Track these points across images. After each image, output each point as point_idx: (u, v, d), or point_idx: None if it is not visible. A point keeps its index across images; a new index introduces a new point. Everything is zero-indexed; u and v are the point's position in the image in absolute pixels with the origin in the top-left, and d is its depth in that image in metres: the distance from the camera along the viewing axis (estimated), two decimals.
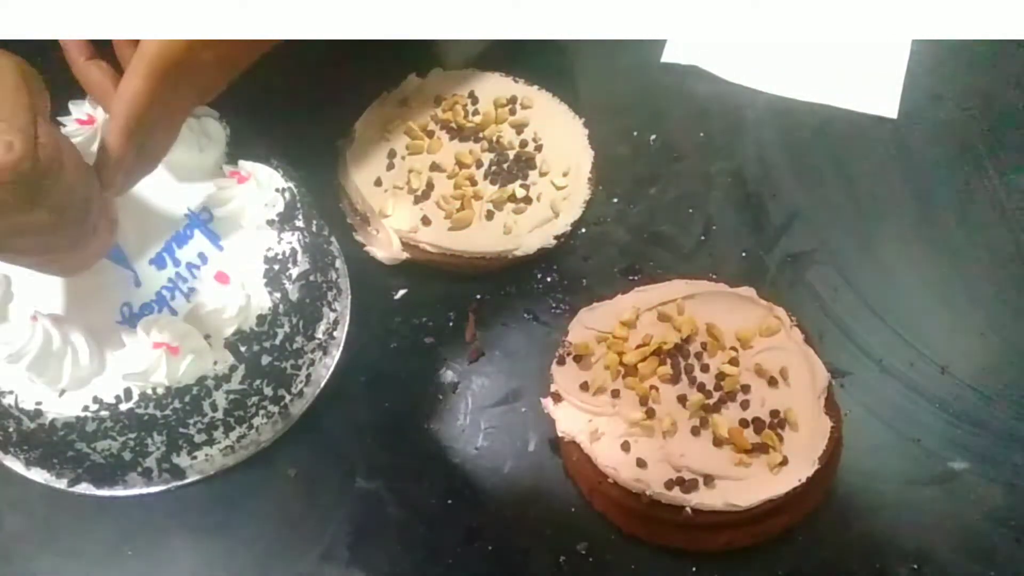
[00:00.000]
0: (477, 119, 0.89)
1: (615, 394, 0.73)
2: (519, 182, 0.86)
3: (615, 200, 0.89)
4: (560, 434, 0.72)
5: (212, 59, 0.66)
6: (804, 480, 0.68)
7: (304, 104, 0.93)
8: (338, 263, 0.84)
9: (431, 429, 0.77)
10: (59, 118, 0.76)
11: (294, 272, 0.73)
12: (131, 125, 0.64)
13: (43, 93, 0.61)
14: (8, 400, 0.67)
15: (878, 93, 0.95)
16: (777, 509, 0.68)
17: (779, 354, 0.74)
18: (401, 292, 0.84)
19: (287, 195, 0.75)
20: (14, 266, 0.72)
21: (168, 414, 0.68)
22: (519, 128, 0.89)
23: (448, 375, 0.80)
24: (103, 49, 0.69)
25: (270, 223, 0.74)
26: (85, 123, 0.74)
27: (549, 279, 0.85)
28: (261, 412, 0.74)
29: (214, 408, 0.70)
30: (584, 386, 0.73)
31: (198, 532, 0.73)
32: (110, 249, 0.68)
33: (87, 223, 0.62)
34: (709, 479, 0.68)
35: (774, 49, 0.98)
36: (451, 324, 0.82)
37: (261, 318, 0.70)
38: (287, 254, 0.73)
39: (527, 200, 0.85)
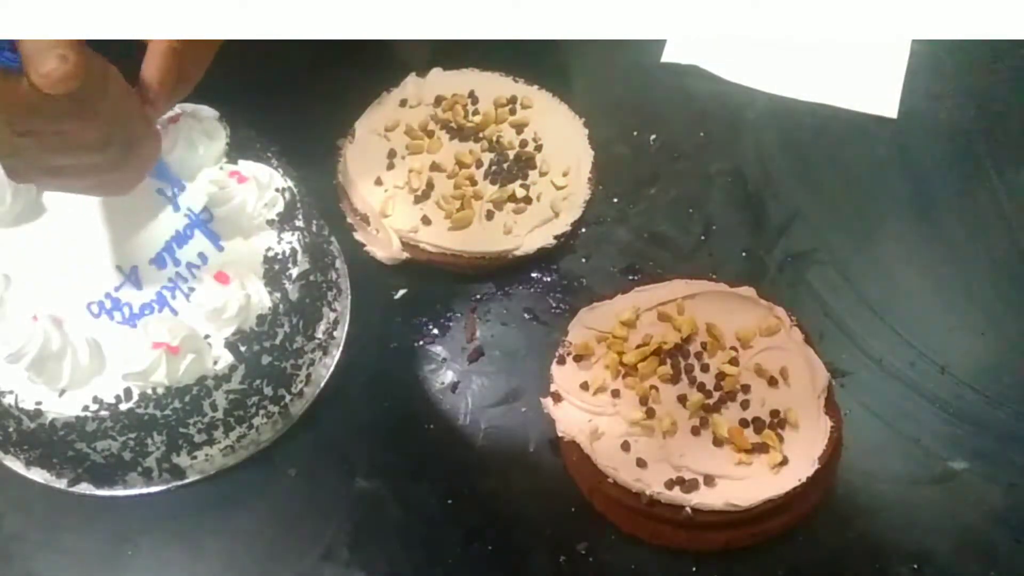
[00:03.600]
0: (477, 119, 0.89)
1: (615, 394, 0.73)
2: (519, 182, 0.86)
3: (615, 200, 0.89)
4: (560, 434, 0.72)
5: None
6: (804, 480, 0.68)
7: (304, 104, 0.93)
8: (338, 263, 0.84)
9: (431, 429, 0.77)
10: None
11: (294, 272, 0.73)
12: (175, 46, 0.66)
13: None
14: (8, 400, 0.67)
15: (878, 93, 0.95)
16: (777, 509, 0.68)
17: (779, 354, 0.74)
18: (401, 292, 0.84)
19: (287, 195, 0.75)
20: (14, 266, 0.72)
21: (168, 414, 0.68)
22: (519, 128, 0.89)
23: (448, 375, 0.80)
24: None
25: (270, 223, 0.74)
26: None
27: (549, 279, 0.85)
28: (261, 412, 0.74)
29: (214, 408, 0.70)
30: (584, 386, 0.73)
31: (198, 532, 0.73)
32: (156, 162, 0.69)
33: (132, 141, 0.64)
34: (709, 479, 0.68)
35: (774, 49, 0.98)
36: (451, 324, 0.82)
37: (261, 318, 0.70)
38: (287, 254, 0.73)
39: (527, 200, 0.85)
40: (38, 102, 0.55)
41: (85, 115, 0.59)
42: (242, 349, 0.69)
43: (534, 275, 0.85)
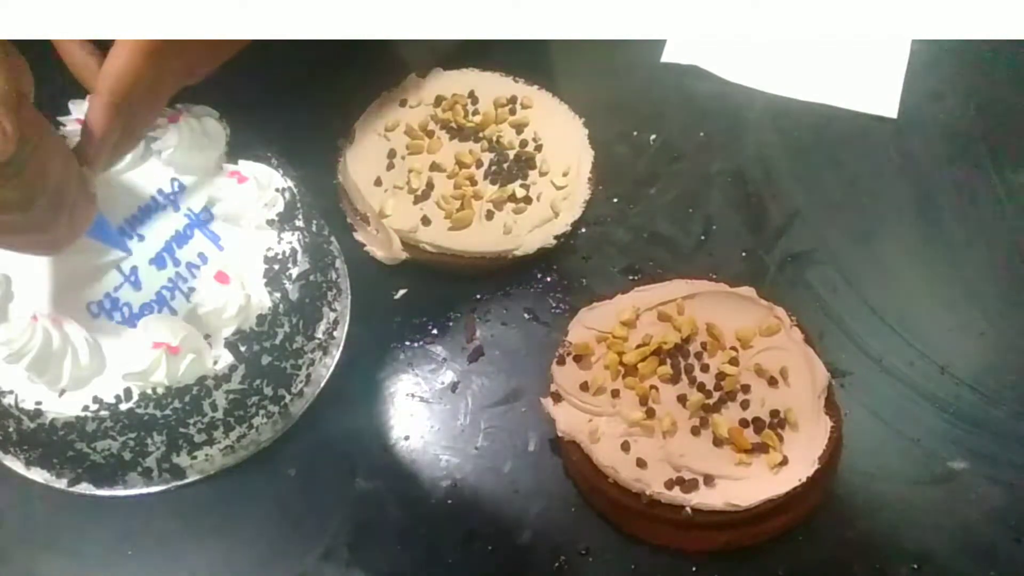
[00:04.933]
0: (477, 119, 0.89)
1: (615, 394, 0.73)
2: (519, 182, 0.86)
3: (615, 200, 0.89)
4: (560, 434, 0.72)
5: (199, 42, 0.66)
6: (804, 480, 0.68)
7: (304, 104, 0.93)
8: (338, 263, 0.84)
9: (431, 429, 0.77)
10: (59, 118, 0.76)
11: (294, 272, 0.73)
12: (116, 102, 0.64)
13: (26, 72, 0.60)
14: (8, 400, 0.67)
15: (878, 93, 0.95)
16: (777, 509, 0.68)
17: (779, 354, 0.74)
18: (401, 292, 0.84)
19: (287, 195, 0.76)
20: (14, 266, 0.72)
21: (168, 414, 0.68)
22: (519, 128, 0.89)
23: (448, 375, 0.80)
24: None
25: (270, 223, 0.74)
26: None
27: (549, 279, 0.85)
28: (261, 412, 0.74)
29: (214, 408, 0.70)
30: (584, 386, 0.73)
31: (198, 532, 0.73)
32: (90, 225, 0.67)
33: (63, 202, 0.62)
34: (709, 479, 0.68)
35: (774, 49, 0.98)
36: (451, 324, 0.82)
37: (261, 318, 0.70)
38: (287, 254, 0.73)
39: (527, 200, 0.85)
40: None
41: (5, 173, 0.56)
42: (242, 349, 0.69)
43: (534, 275, 0.85)
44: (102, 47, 0.68)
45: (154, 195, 0.76)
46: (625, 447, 0.70)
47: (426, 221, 0.83)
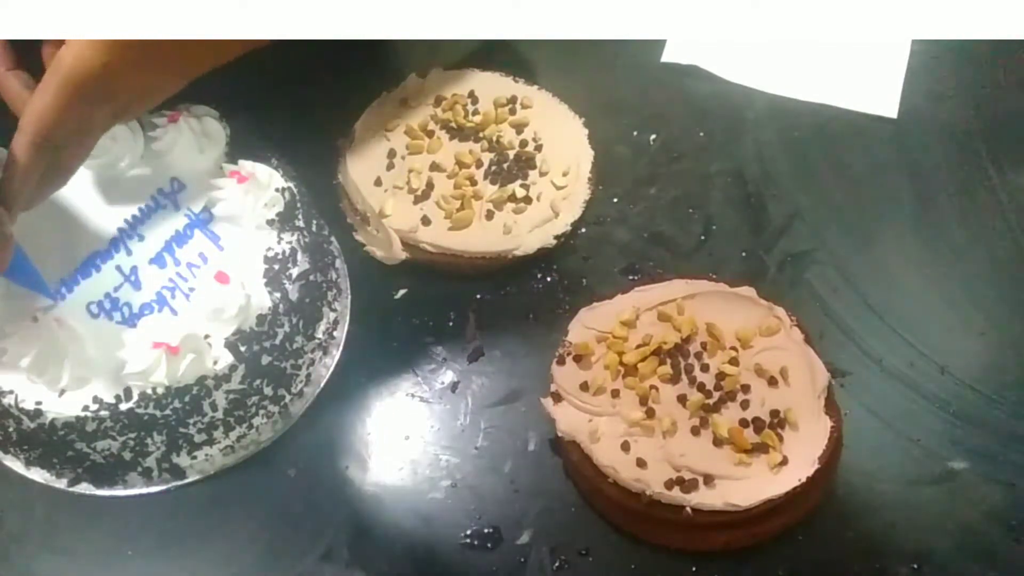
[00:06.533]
0: (477, 119, 0.89)
1: (615, 394, 0.73)
2: (519, 182, 0.86)
3: (615, 200, 0.89)
4: (560, 434, 0.72)
5: (131, 82, 0.65)
6: (804, 480, 0.68)
7: (304, 104, 0.93)
8: (338, 263, 0.84)
9: (431, 429, 0.77)
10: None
11: (294, 272, 0.73)
12: (38, 140, 0.62)
13: None
14: (8, 400, 0.67)
15: (878, 93, 0.95)
16: (777, 509, 0.68)
17: (779, 354, 0.74)
18: (401, 292, 0.84)
19: (287, 195, 0.76)
20: None
21: (168, 414, 0.68)
22: (519, 128, 0.89)
23: (448, 375, 0.80)
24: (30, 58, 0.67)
25: (270, 223, 0.74)
26: None
27: (549, 279, 0.85)
28: (261, 412, 0.74)
29: (214, 408, 0.70)
30: (584, 386, 0.73)
31: (198, 532, 0.73)
32: (5, 267, 0.64)
33: None
34: (709, 479, 0.68)
35: (774, 49, 0.98)
36: (451, 324, 0.82)
37: (261, 318, 0.70)
38: (287, 254, 0.73)
39: (527, 200, 0.85)
40: None
41: None
42: (242, 349, 0.69)
43: (534, 275, 0.85)
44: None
45: (154, 195, 0.76)
46: (625, 447, 0.70)
47: (426, 221, 0.83)
